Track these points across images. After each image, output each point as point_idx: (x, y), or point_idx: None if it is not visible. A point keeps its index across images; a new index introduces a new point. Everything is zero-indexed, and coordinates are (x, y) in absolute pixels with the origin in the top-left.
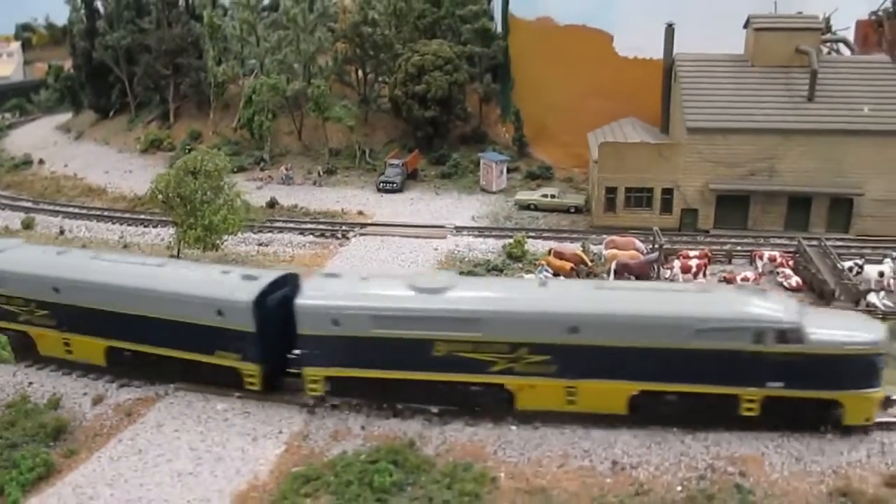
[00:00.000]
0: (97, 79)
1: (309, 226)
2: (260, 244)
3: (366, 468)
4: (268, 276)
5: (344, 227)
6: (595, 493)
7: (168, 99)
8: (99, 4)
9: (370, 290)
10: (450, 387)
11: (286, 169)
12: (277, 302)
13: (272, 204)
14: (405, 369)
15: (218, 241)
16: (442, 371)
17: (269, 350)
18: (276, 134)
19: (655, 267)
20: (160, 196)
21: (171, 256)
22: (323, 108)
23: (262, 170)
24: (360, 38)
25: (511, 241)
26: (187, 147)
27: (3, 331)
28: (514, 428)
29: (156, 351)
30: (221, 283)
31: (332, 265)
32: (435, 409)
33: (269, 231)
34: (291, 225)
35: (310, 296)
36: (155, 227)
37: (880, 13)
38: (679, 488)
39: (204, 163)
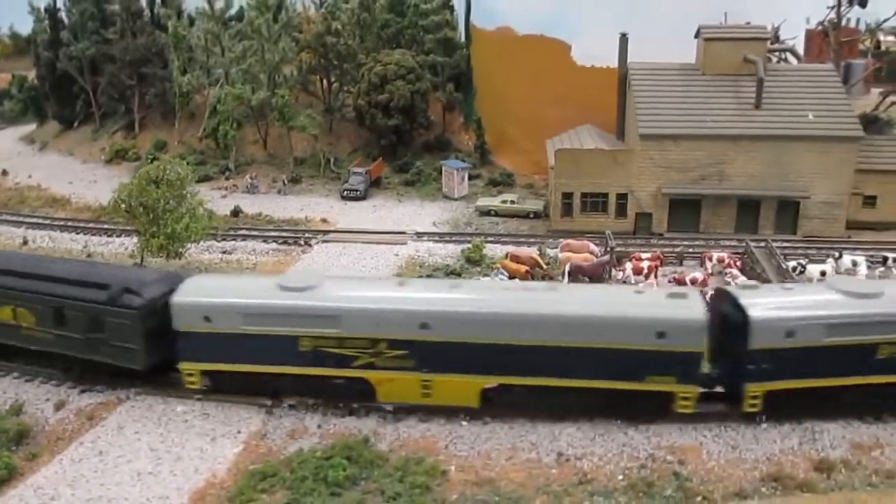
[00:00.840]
0: (61, 89)
1: (272, 234)
2: (224, 252)
3: (321, 464)
4: (693, 294)
5: (307, 235)
6: (541, 483)
7: (133, 109)
8: (63, 15)
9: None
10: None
11: (251, 178)
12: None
13: (236, 212)
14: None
15: (181, 250)
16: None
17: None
18: (242, 143)
19: (608, 269)
20: (123, 205)
21: (135, 265)
22: (287, 118)
23: (227, 179)
24: (324, 48)
25: (470, 245)
26: (150, 157)
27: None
28: (465, 423)
29: (555, 383)
30: (657, 305)
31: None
32: (390, 407)
33: (233, 239)
34: (255, 233)
35: None
36: (119, 236)
37: (825, 23)
38: (621, 477)
39: (166, 172)
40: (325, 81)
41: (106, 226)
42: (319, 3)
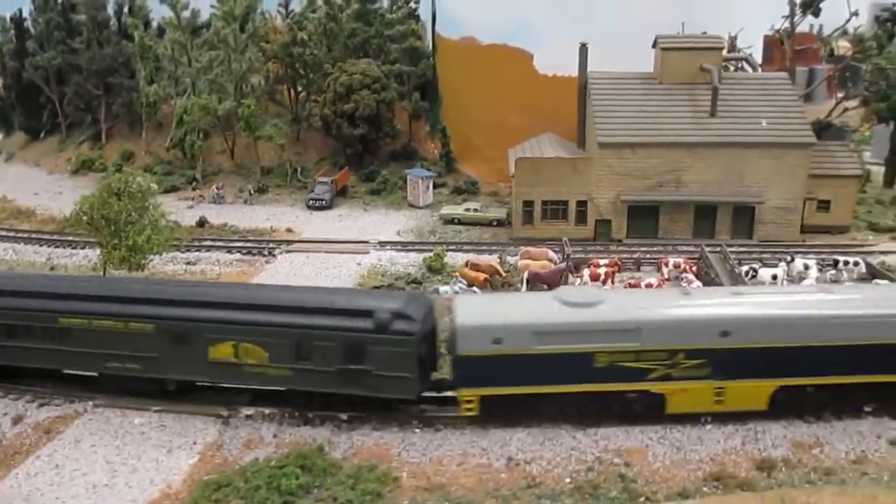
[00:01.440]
0: (28, 99)
1: (237, 244)
2: (188, 263)
3: (274, 473)
4: None
5: (271, 245)
6: (490, 487)
7: (100, 119)
8: (29, 24)
9: None
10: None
11: (217, 188)
12: None
13: (202, 223)
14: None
15: (143, 261)
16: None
17: None
18: (209, 153)
19: (565, 276)
20: (84, 218)
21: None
22: (254, 128)
23: (194, 189)
24: (291, 58)
25: (431, 254)
26: (116, 168)
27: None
28: (417, 431)
29: (843, 380)
30: None
31: (259, 281)
32: (344, 416)
33: (197, 250)
34: (220, 243)
35: None
36: (82, 248)
37: (781, 31)
38: (568, 480)
39: (128, 184)
40: (291, 91)
41: (70, 238)
42: (286, 13)
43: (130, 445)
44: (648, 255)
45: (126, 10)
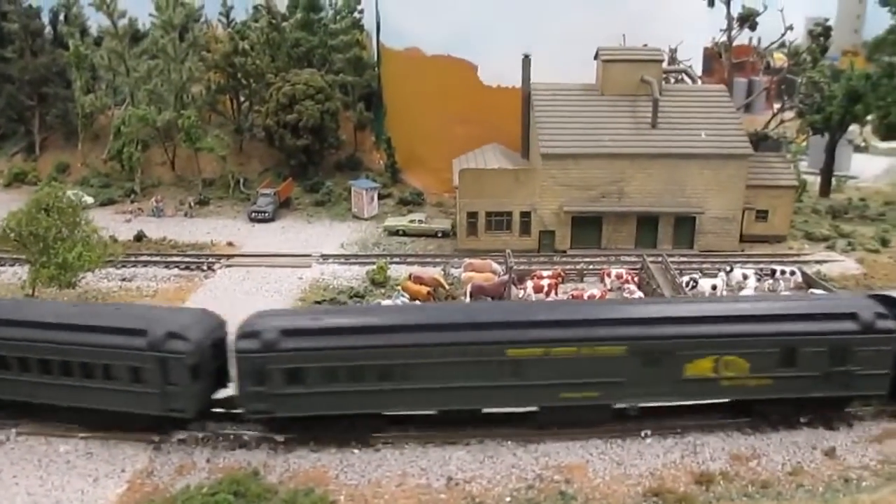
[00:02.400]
0: None
1: (175, 259)
2: (123, 279)
3: (206, 500)
4: None
5: (210, 259)
6: None
7: (33, 130)
8: None
9: None
10: None
11: (156, 201)
12: None
13: (140, 237)
14: None
15: (73, 279)
16: None
17: None
18: (148, 165)
19: (508, 288)
20: (12, 234)
21: (27, 296)
22: (194, 139)
23: (132, 202)
24: (233, 68)
25: (374, 267)
26: (50, 180)
27: None
28: (356, 451)
29: None
30: None
31: (196, 299)
32: (280, 438)
33: (133, 265)
34: (157, 258)
35: None
36: (11, 265)
37: (718, 44)
38: (508, 499)
39: (57, 199)
40: (234, 101)
41: None
42: (227, 22)
43: (55, 475)
44: (592, 266)
45: (61, 18)
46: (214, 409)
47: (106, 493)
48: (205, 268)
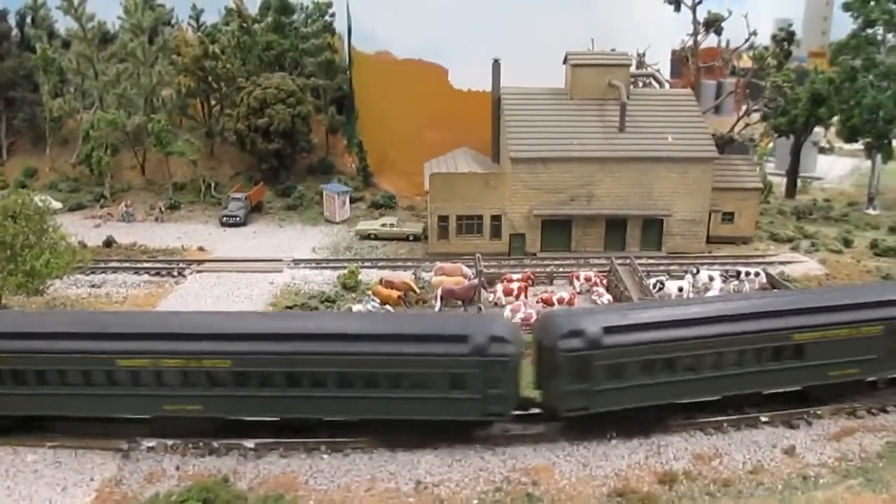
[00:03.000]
0: None
1: (145, 264)
2: (92, 286)
3: None
4: None
5: (181, 265)
6: None
7: (0, 135)
8: None
9: None
10: None
11: (126, 205)
12: None
13: (109, 243)
14: None
15: (41, 287)
16: None
17: None
18: (118, 169)
19: (478, 291)
20: None
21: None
22: (165, 143)
23: (102, 207)
24: (203, 71)
25: (345, 272)
26: (18, 185)
27: None
28: (325, 457)
29: None
30: None
31: (166, 305)
32: (251, 444)
33: (103, 272)
34: (127, 264)
35: None
36: None
37: (686, 48)
38: (476, 501)
39: (24, 205)
40: (204, 105)
41: None
42: (197, 26)
43: (22, 485)
44: (561, 269)
45: (28, 21)
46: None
47: (74, 502)
48: (175, 273)
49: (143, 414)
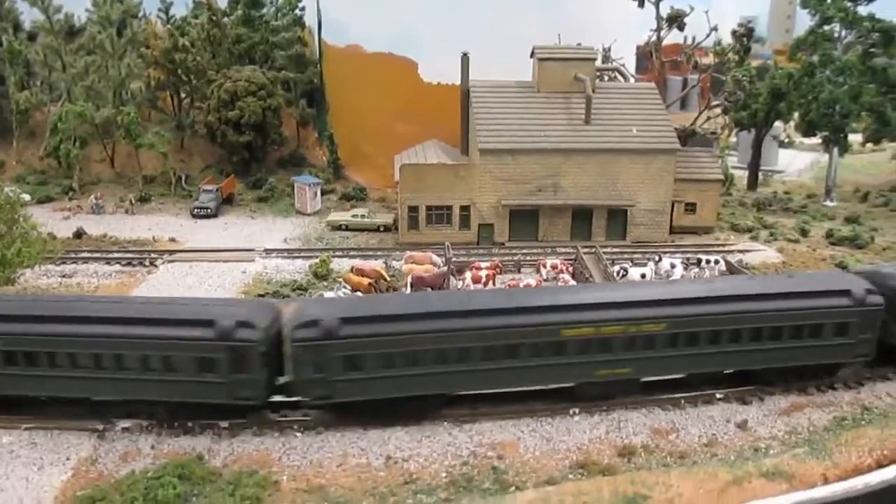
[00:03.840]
0: None
1: (116, 255)
2: (63, 276)
3: (151, 484)
4: None
5: (152, 255)
6: (369, 486)
7: None
8: None
9: None
10: None
11: (96, 198)
12: None
13: (79, 234)
14: None
15: (12, 276)
16: None
17: None
18: (87, 162)
19: (447, 279)
20: None
21: None
22: (135, 136)
23: (70, 199)
24: (173, 64)
25: (317, 261)
26: None
27: None
28: (298, 435)
29: None
30: None
31: (139, 293)
32: (224, 424)
33: (74, 262)
34: (98, 255)
35: None
36: None
37: (650, 44)
38: (444, 474)
39: None
40: (174, 98)
41: None
42: (167, 18)
43: None
44: (529, 258)
45: None
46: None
47: (51, 481)
48: (147, 263)
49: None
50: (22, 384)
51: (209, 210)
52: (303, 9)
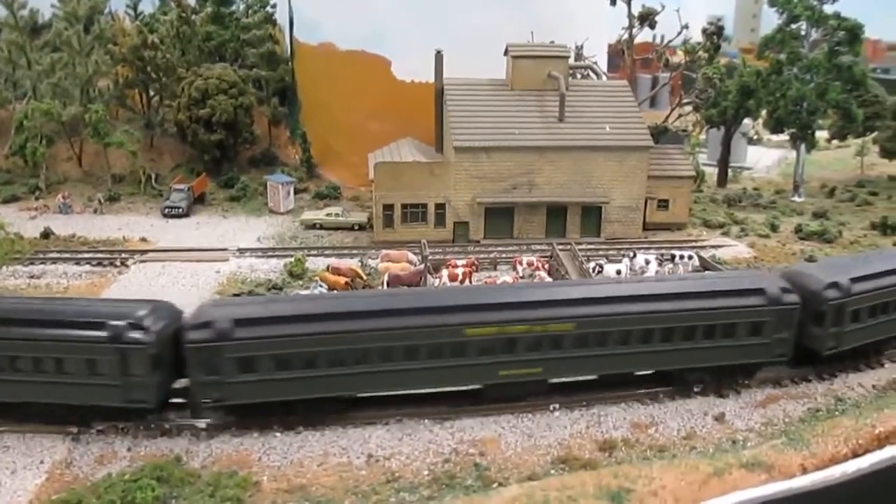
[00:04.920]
0: None
1: (86, 255)
2: (31, 276)
3: (128, 487)
4: None
5: (123, 255)
6: (350, 485)
7: None
8: None
9: None
10: None
11: (63, 197)
12: None
13: (47, 234)
14: None
15: None
16: None
17: None
18: (53, 161)
19: (424, 277)
20: None
21: None
22: (103, 134)
23: (37, 199)
24: (142, 62)
25: (292, 260)
26: None
27: None
28: (278, 434)
29: None
30: None
31: (110, 293)
32: (202, 425)
33: (42, 262)
34: (67, 255)
35: None
36: None
37: (622, 42)
38: (426, 472)
39: None
40: (143, 96)
41: None
42: (135, 15)
43: None
44: (504, 255)
45: None
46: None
47: (25, 485)
48: (118, 263)
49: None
50: None
51: (180, 209)
52: (274, 6)
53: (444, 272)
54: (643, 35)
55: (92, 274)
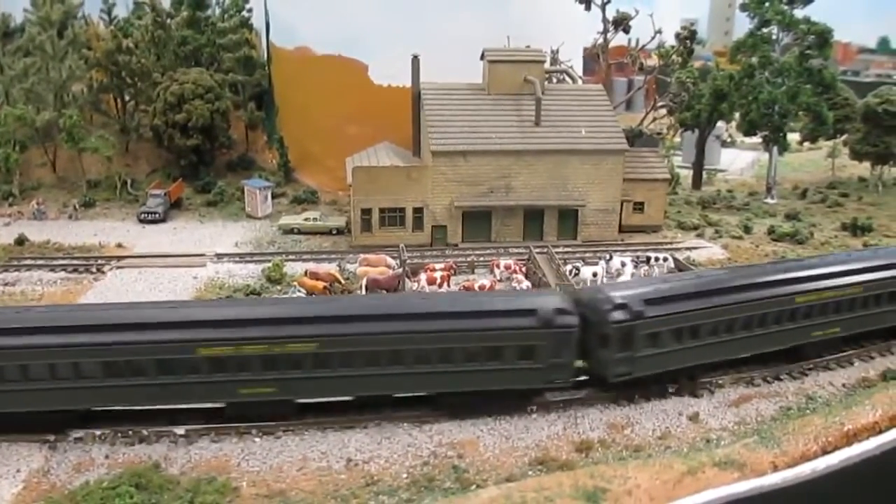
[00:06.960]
0: None
1: (62, 262)
2: (5, 284)
3: (107, 494)
4: None
5: (100, 261)
6: (330, 489)
7: None
8: None
9: None
10: None
11: (37, 203)
12: None
13: (21, 241)
14: None
15: None
16: None
17: None
18: (27, 166)
19: (402, 281)
20: None
21: None
22: (77, 139)
23: (10, 205)
24: (116, 66)
25: (270, 265)
26: None
27: None
28: (257, 440)
29: None
30: None
31: (86, 300)
32: (181, 430)
33: (16, 269)
34: (42, 262)
35: None
36: None
37: (596, 46)
38: (405, 475)
39: None
40: (118, 100)
41: None
42: (109, 19)
43: None
44: (482, 258)
45: None
46: None
47: (1, 494)
48: (94, 270)
49: None
50: None
51: (157, 215)
52: (249, 10)
53: (423, 276)
54: (618, 39)
55: (68, 280)
